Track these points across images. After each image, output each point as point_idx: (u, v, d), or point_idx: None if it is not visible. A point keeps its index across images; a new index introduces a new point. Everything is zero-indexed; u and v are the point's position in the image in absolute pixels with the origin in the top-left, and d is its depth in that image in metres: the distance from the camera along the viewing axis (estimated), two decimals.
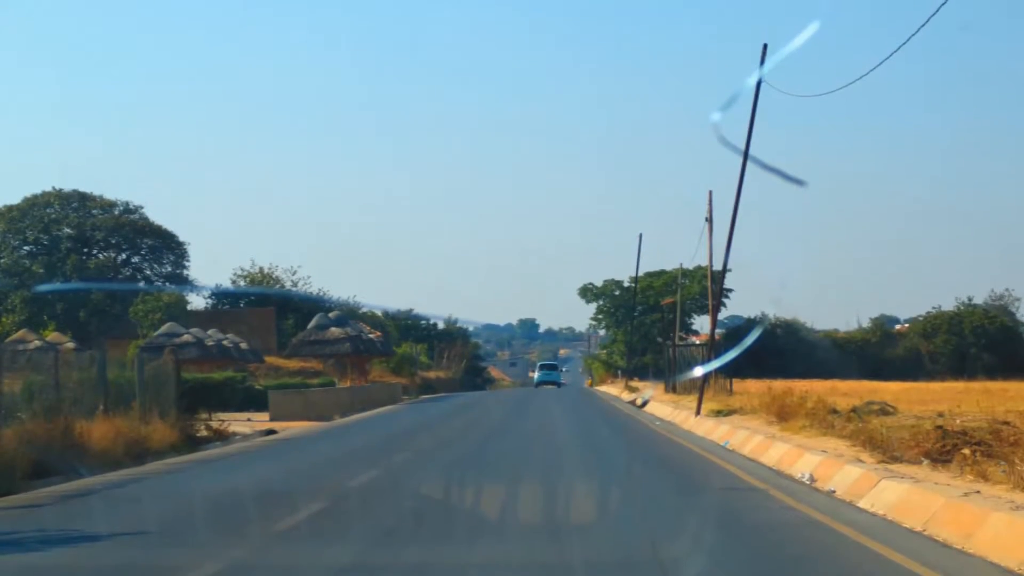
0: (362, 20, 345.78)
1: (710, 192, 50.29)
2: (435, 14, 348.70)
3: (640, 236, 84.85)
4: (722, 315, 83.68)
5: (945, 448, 17.71)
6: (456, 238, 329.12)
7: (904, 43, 23.05)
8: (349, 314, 73.39)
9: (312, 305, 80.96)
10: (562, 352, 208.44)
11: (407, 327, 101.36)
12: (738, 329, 78.58)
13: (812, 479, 17.90)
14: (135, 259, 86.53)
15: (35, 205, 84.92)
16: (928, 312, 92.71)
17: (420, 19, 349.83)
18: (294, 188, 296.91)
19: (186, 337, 56.72)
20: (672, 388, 52.68)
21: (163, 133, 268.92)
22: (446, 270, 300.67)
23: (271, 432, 36.38)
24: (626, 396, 60.20)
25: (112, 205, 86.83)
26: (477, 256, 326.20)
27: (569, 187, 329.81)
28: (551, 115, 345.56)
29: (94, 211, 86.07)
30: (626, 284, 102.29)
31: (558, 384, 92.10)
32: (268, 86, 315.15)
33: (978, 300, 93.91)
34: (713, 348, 43.63)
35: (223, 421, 34.36)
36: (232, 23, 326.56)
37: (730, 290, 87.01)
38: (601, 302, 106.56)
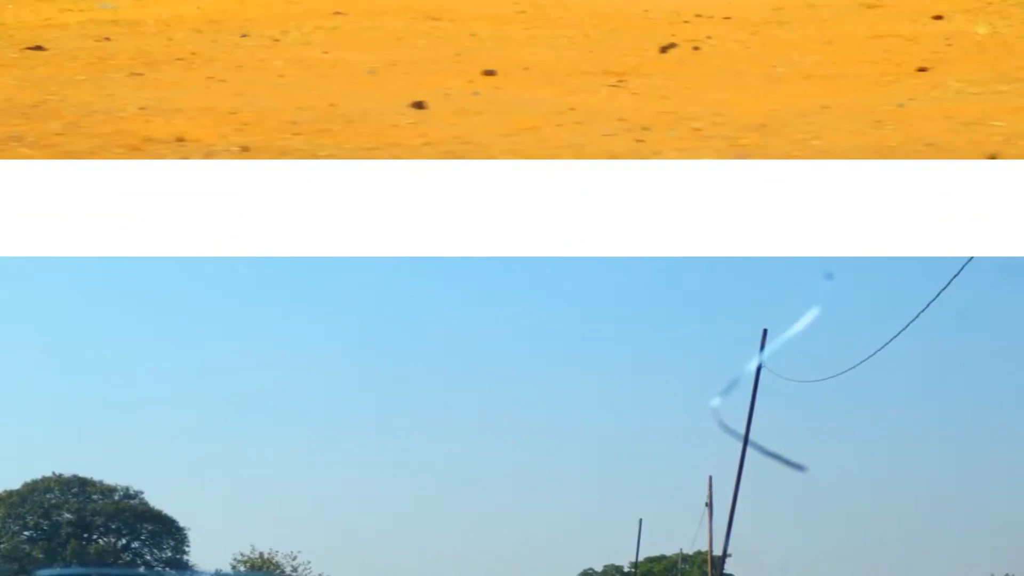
0: (360, 322, 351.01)
1: (710, 477, 50.45)
2: (435, 315, 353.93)
3: (640, 521, 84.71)
4: None
5: None
6: (455, 534, 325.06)
7: (903, 329, 24.17)
8: None
9: None
10: None
11: None
12: None
13: None
14: (135, 544, 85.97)
15: (35, 490, 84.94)
16: None
17: (418, 318, 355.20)
18: (294, 476, 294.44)
19: None
20: None
21: (163, 424, 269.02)
22: (446, 559, 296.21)
23: None
24: None
25: (112, 490, 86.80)
26: (476, 546, 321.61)
27: (567, 474, 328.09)
28: (548, 407, 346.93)
29: (94, 496, 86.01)
30: (627, 569, 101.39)
31: None
32: (268, 385, 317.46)
33: None
34: None
35: None
36: (234, 323, 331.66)
37: (730, 575, 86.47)
38: None
